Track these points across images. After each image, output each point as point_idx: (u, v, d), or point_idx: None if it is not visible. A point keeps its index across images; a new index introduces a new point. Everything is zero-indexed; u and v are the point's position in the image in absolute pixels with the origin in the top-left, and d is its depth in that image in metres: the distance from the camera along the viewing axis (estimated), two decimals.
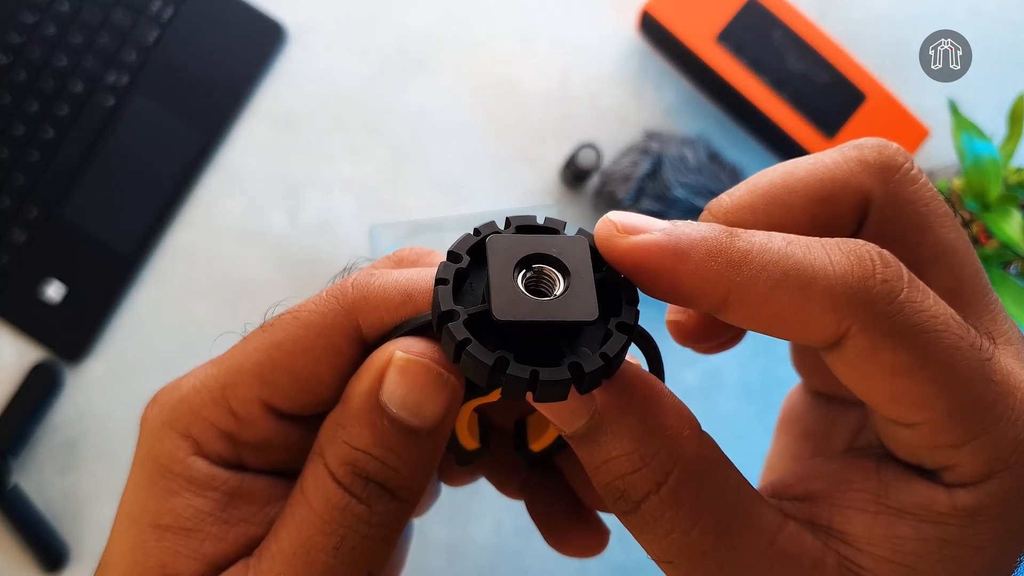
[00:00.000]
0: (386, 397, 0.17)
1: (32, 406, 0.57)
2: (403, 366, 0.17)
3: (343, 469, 0.17)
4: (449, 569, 0.58)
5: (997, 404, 0.14)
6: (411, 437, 0.17)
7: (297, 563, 0.16)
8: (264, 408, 0.18)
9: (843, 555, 0.15)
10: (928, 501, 0.15)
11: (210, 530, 0.17)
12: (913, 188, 0.16)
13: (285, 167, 0.60)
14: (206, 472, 0.17)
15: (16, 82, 0.58)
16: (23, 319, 0.58)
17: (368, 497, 0.17)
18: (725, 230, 0.15)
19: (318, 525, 0.16)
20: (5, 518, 0.55)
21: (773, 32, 0.55)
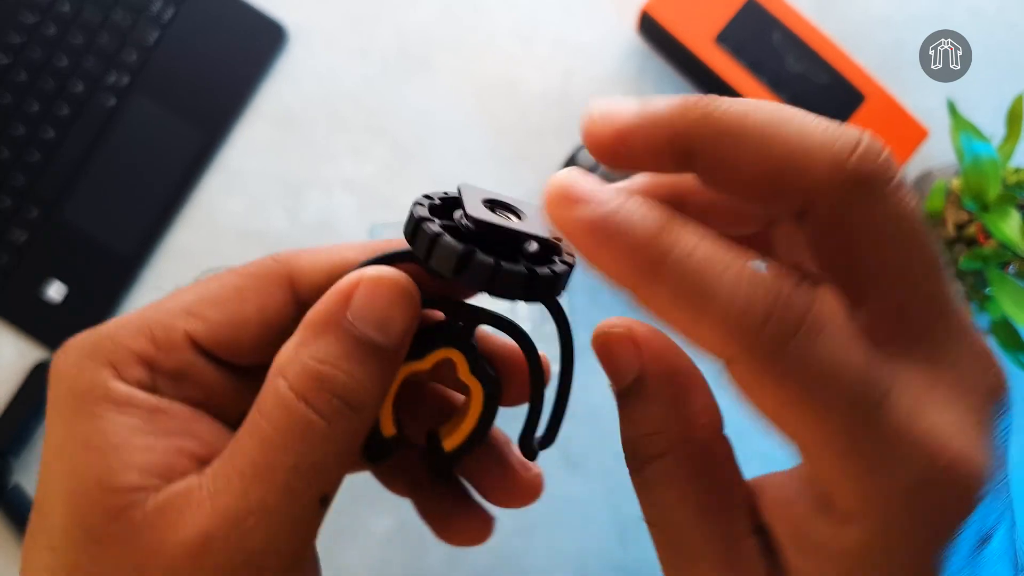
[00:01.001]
0: (352, 313, 0.17)
1: (33, 406, 0.57)
2: (375, 281, 0.18)
3: (307, 384, 0.17)
4: (449, 569, 0.58)
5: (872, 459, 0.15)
6: (375, 354, 0.17)
7: (256, 481, 0.16)
8: (186, 338, 0.18)
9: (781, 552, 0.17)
10: (831, 540, 0.16)
11: (138, 443, 0.17)
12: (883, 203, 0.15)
13: (286, 167, 0.60)
14: (126, 393, 0.18)
15: (17, 82, 0.59)
16: (24, 319, 0.58)
17: (330, 413, 0.17)
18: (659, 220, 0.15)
19: (278, 442, 0.17)
20: (6, 517, 0.55)
21: (772, 33, 0.55)
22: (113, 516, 0.17)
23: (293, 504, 0.17)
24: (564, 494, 0.59)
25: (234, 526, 0.16)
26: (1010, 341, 0.49)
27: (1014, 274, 0.48)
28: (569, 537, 0.59)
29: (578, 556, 0.59)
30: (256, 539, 0.16)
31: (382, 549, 0.58)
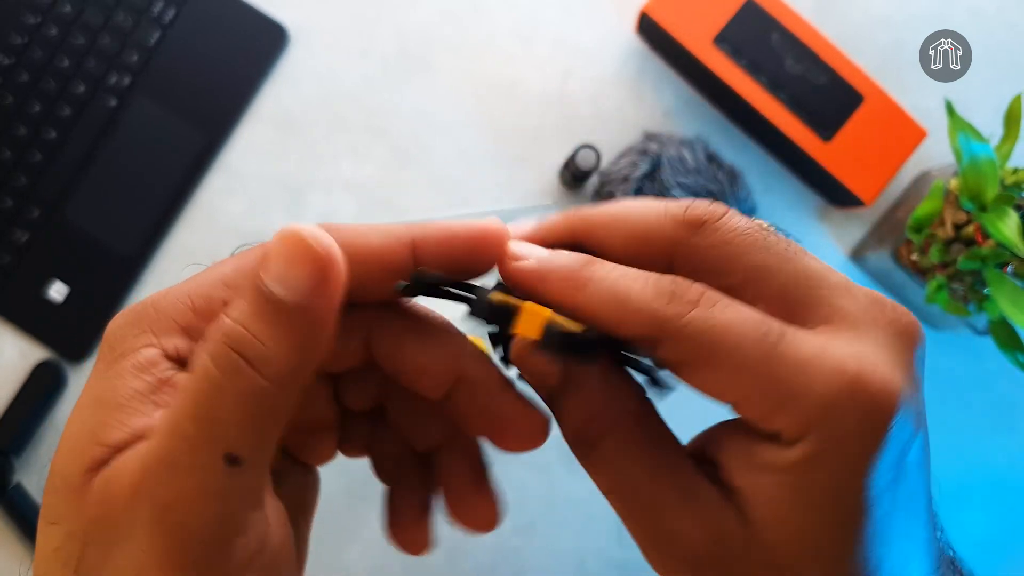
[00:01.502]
0: (262, 270, 0.18)
1: (35, 405, 0.57)
2: (283, 237, 0.18)
3: (216, 344, 0.18)
4: (449, 568, 0.59)
5: (792, 383, 0.18)
6: (281, 311, 0.18)
7: (170, 433, 0.17)
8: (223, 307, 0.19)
9: (737, 505, 0.19)
10: (779, 461, 0.19)
11: (138, 407, 0.18)
12: (717, 232, 0.20)
13: (286, 168, 0.60)
14: (150, 359, 0.19)
15: (18, 83, 0.59)
16: (25, 319, 0.58)
17: (227, 366, 0.17)
18: (580, 261, 0.20)
19: (187, 395, 0.17)
20: (7, 517, 0.55)
21: (771, 34, 0.55)
22: (91, 467, 0.18)
23: (193, 455, 0.17)
24: (563, 493, 0.59)
25: (151, 477, 0.17)
26: (1008, 341, 0.49)
27: (1012, 274, 0.48)
28: (568, 535, 0.59)
29: (577, 554, 0.59)
30: (168, 491, 0.17)
31: (383, 548, 0.59)
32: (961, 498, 0.60)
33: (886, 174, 0.56)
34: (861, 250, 0.60)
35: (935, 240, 0.50)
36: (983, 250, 0.47)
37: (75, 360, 0.58)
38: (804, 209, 0.61)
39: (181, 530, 0.17)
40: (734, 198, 0.55)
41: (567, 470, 0.59)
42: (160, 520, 0.17)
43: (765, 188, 0.60)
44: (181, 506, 0.17)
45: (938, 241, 0.50)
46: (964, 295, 0.51)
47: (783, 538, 0.19)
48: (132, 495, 0.17)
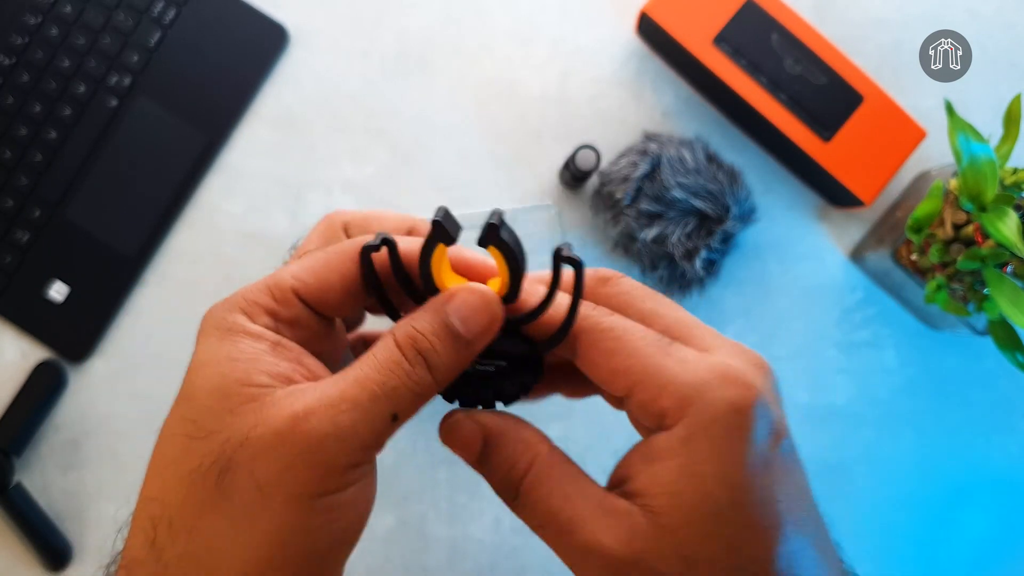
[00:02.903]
0: (449, 307, 0.26)
1: (35, 405, 0.57)
2: (471, 290, 0.26)
3: (404, 340, 0.25)
4: (449, 567, 0.59)
5: (675, 370, 0.24)
6: (454, 338, 0.25)
7: (354, 384, 0.24)
8: (295, 295, 0.26)
9: (640, 504, 0.24)
10: (665, 445, 0.24)
11: (267, 359, 0.24)
12: (616, 287, 0.28)
13: (287, 168, 0.61)
14: (258, 330, 0.25)
15: (19, 83, 0.59)
16: (26, 319, 0.58)
17: (413, 360, 0.25)
18: None
19: (376, 368, 0.24)
20: (8, 517, 0.55)
21: (770, 34, 0.55)
22: (250, 399, 0.24)
23: (373, 407, 0.24)
24: None
25: (330, 407, 0.23)
26: (1008, 341, 0.49)
27: (1011, 274, 0.48)
28: None
29: None
30: (343, 419, 0.23)
31: (384, 547, 0.59)
32: (961, 498, 0.60)
33: (886, 174, 0.56)
34: (860, 250, 0.60)
35: (935, 240, 0.50)
36: (982, 250, 0.47)
37: (76, 360, 0.59)
38: (804, 209, 0.61)
39: (337, 448, 0.23)
40: (733, 198, 0.55)
41: None
42: (336, 439, 0.23)
43: (765, 188, 0.60)
44: (352, 433, 0.23)
45: (938, 241, 0.50)
46: (963, 295, 0.51)
47: (681, 518, 0.23)
48: (305, 414, 0.23)
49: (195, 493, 0.23)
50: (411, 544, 0.59)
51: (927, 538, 0.60)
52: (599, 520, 0.24)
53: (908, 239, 0.52)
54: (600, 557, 0.23)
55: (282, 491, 0.22)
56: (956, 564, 0.60)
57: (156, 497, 0.24)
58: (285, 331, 0.26)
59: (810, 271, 0.61)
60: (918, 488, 0.60)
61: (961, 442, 0.60)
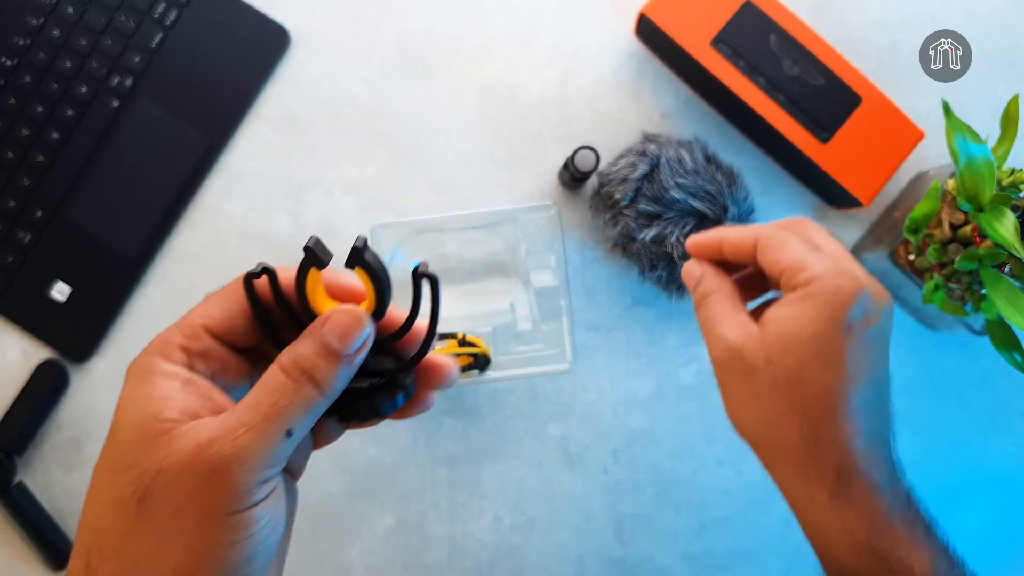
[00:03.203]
0: (325, 329, 0.28)
1: (37, 404, 0.57)
2: (342, 310, 0.29)
3: (288, 364, 0.28)
4: (449, 566, 0.59)
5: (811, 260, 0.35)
6: (334, 354, 0.28)
7: (248, 410, 0.27)
8: (204, 329, 0.29)
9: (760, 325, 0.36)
10: (789, 299, 0.35)
11: (178, 396, 0.28)
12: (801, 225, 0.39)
13: (288, 169, 0.61)
14: (171, 369, 0.28)
15: (21, 84, 0.59)
16: (29, 319, 0.59)
17: (298, 379, 0.27)
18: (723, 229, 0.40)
19: (266, 392, 0.27)
20: (10, 516, 0.56)
21: (769, 35, 0.56)
22: (162, 432, 0.26)
23: (267, 427, 0.27)
24: (563, 492, 0.59)
25: (230, 432, 0.26)
26: (1005, 340, 0.49)
27: (1009, 274, 0.48)
28: (568, 533, 0.59)
29: (576, 552, 0.59)
30: (241, 442, 0.26)
31: (384, 546, 0.59)
32: (959, 497, 0.60)
33: (883, 175, 0.56)
34: (859, 250, 0.60)
35: (932, 240, 0.51)
36: (980, 250, 0.48)
37: (78, 360, 0.59)
38: (802, 210, 0.61)
39: (239, 468, 0.26)
40: (732, 199, 0.55)
41: (567, 469, 0.60)
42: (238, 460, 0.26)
43: (763, 189, 0.61)
44: (252, 453, 0.26)
45: (935, 241, 0.50)
46: (961, 295, 0.51)
47: (775, 335, 0.35)
48: (208, 442, 0.26)
49: (120, 520, 0.26)
50: (411, 543, 0.59)
51: None
52: (732, 326, 0.37)
53: (906, 239, 0.52)
54: (724, 343, 0.36)
55: (195, 512, 0.26)
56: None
57: (90, 525, 0.27)
58: (199, 364, 0.29)
59: None
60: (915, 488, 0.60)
61: (959, 442, 0.61)
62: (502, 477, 0.59)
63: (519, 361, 0.57)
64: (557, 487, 0.59)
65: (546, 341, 0.57)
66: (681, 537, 0.59)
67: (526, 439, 0.60)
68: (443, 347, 0.55)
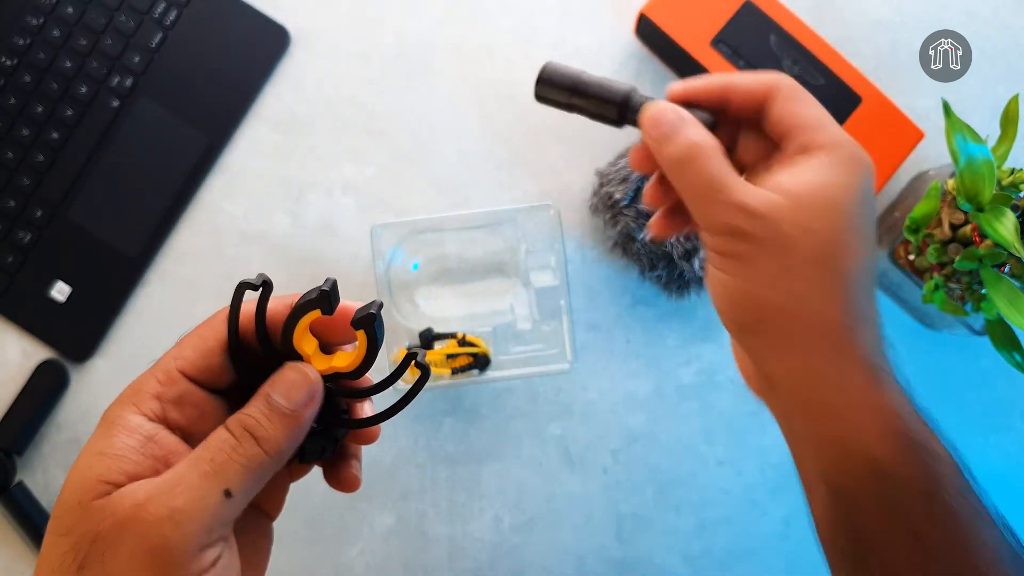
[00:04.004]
0: (270, 388, 0.28)
1: (37, 404, 0.57)
2: (289, 368, 0.28)
3: (232, 422, 0.27)
4: (449, 566, 0.59)
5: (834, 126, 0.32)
6: (280, 413, 0.27)
7: (186, 467, 0.26)
8: (179, 373, 0.28)
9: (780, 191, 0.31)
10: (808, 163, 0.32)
11: (132, 457, 0.26)
12: None
13: (288, 169, 0.61)
14: (136, 422, 0.27)
15: (21, 84, 0.59)
16: (29, 319, 0.59)
17: (240, 436, 0.26)
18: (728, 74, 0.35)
19: (207, 447, 0.26)
20: (10, 516, 0.56)
21: (769, 35, 0.56)
22: (100, 494, 0.25)
23: (204, 485, 0.25)
24: (563, 492, 0.59)
25: (164, 492, 0.25)
26: (1005, 340, 0.49)
27: (1009, 274, 0.48)
28: (567, 533, 0.59)
29: (576, 552, 0.59)
30: (176, 503, 0.25)
31: (384, 546, 0.59)
32: None
33: (884, 174, 0.56)
34: None
35: (932, 240, 0.51)
36: (980, 250, 0.48)
37: (78, 360, 0.59)
38: None
39: (174, 531, 0.24)
40: None
41: (567, 469, 0.60)
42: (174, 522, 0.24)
43: None
44: (188, 515, 0.25)
45: (935, 241, 0.50)
46: (961, 295, 0.51)
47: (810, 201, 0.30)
48: (144, 501, 0.25)
49: None
50: (411, 543, 0.59)
51: None
52: (747, 189, 0.31)
53: (906, 239, 0.53)
54: (745, 210, 0.31)
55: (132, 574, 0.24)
56: None
57: None
58: (173, 413, 0.28)
59: None
60: None
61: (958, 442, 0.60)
62: (502, 477, 0.59)
63: (519, 361, 0.57)
64: (557, 487, 0.59)
65: (546, 341, 0.57)
66: (681, 537, 0.59)
67: (526, 439, 0.60)
68: (443, 347, 0.55)
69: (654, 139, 0.33)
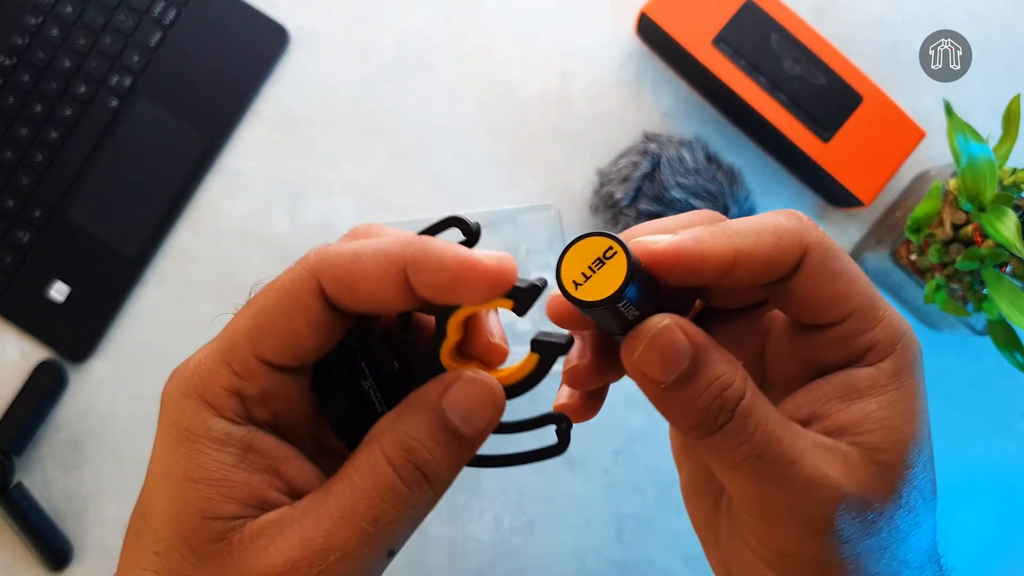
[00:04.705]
0: (446, 402, 0.21)
1: (36, 405, 0.57)
2: (472, 380, 0.22)
3: (398, 456, 0.21)
4: (450, 566, 0.59)
5: (884, 301, 0.23)
6: (456, 440, 0.21)
7: (341, 524, 0.20)
8: (259, 362, 0.21)
9: (850, 440, 0.22)
10: (872, 380, 0.22)
11: (235, 478, 0.20)
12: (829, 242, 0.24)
13: (287, 168, 0.61)
14: (224, 430, 0.21)
15: (20, 84, 0.59)
16: (27, 319, 0.59)
17: (411, 482, 0.20)
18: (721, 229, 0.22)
19: (365, 497, 0.20)
20: (9, 516, 0.56)
21: (770, 34, 0.56)
22: (215, 538, 0.20)
23: (368, 551, 0.20)
24: (564, 492, 0.59)
25: (318, 560, 0.20)
26: (1007, 341, 0.49)
27: (1010, 274, 0.48)
28: (568, 534, 0.59)
29: (577, 552, 0.59)
30: (332, 574, 0.20)
31: None
32: (959, 498, 0.60)
33: (885, 174, 0.56)
34: (860, 250, 0.60)
35: (934, 240, 0.51)
36: (981, 250, 0.48)
37: (76, 360, 0.59)
38: (803, 209, 0.61)
39: None
40: (733, 198, 0.55)
41: (567, 470, 0.59)
42: None
43: (764, 188, 0.60)
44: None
45: (937, 241, 0.50)
46: (962, 295, 0.51)
47: (898, 455, 0.21)
48: (289, 572, 0.19)
49: None
50: (411, 543, 0.58)
51: None
52: (817, 452, 0.21)
53: (907, 239, 0.52)
54: (829, 491, 0.21)
55: None
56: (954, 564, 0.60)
57: None
58: (256, 409, 0.22)
59: None
60: None
61: (960, 442, 0.60)
62: (502, 478, 0.59)
63: None
64: (557, 488, 0.59)
65: None
66: (682, 538, 0.59)
67: (526, 439, 0.59)
68: None
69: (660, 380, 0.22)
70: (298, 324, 0.21)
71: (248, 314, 0.22)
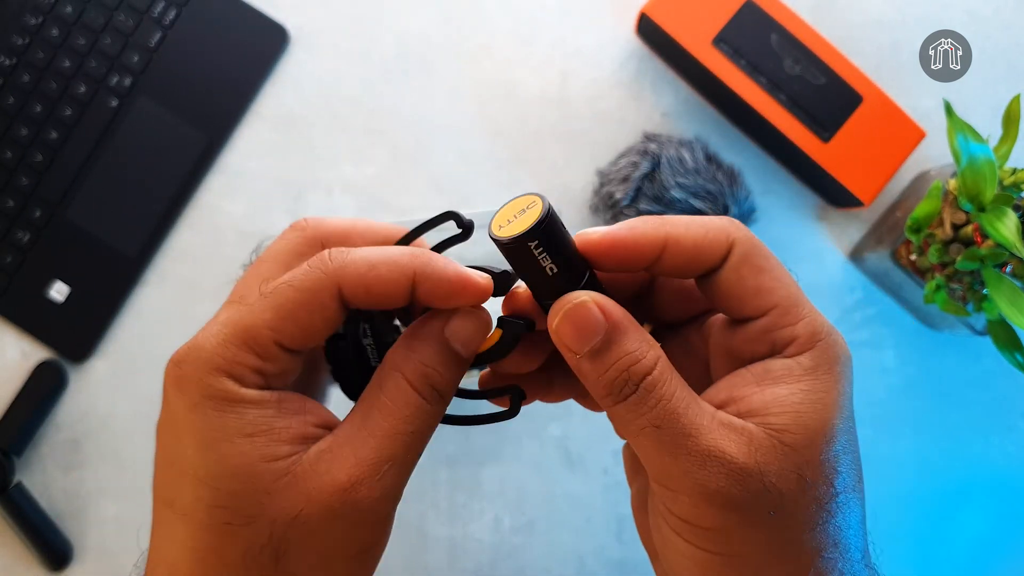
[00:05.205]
0: (449, 332, 0.26)
1: (36, 405, 0.57)
2: (468, 312, 0.26)
3: (419, 380, 0.25)
4: (450, 566, 0.59)
5: (810, 304, 0.25)
6: (457, 362, 0.26)
7: (386, 440, 0.24)
8: (279, 347, 0.25)
9: (758, 421, 0.24)
10: (787, 370, 0.24)
11: (280, 424, 0.24)
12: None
13: (287, 168, 0.61)
14: (257, 395, 0.24)
15: (19, 84, 0.59)
16: (27, 319, 0.59)
17: (431, 399, 0.25)
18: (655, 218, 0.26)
19: (401, 416, 0.25)
20: (9, 516, 0.56)
21: (770, 34, 0.56)
22: (281, 474, 0.23)
23: (411, 457, 0.25)
24: (563, 492, 0.59)
25: (375, 471, 0.24)
26: (1007, 341, 0.49)
27: (1010, 274, 0.48)
28: (568, 534, 0.59)
29: (576, 552, 0.59)
30: (387, 481, 0.24)
31: None
32: (959, 498, 0.60)
33: (885, 174, 0.56)
34: (860, 250, 0.60)
35: (934, 240, 0.51)
36: (981, 250, 0.48)
37: (76, 360, 0.59)
38: (803, 209, 0.61)
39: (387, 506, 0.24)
40: (733, 198, 0.55)
41: (567, 469, 0.59)
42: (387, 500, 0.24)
43: (764, 188, 0.60)
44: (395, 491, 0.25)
45: (937, 241, 0.50)
46: (962, 295, 0.51)
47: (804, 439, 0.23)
48: (353, 485, 0.24)
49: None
50: (411, 543, 0.59)
51: (925, 538, 0.60)
52: (719, 429, 0.23)
53: (907, 239, 0.52)
54: (723, 464, 0.23)
55: (341, 555, 0.24)
56: (954, 564, 0.60)
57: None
58: (274, 381, 0.25)
59: (809, 271, 0.61)
60: (916, 488, 0.60)
61: (960, 442, 0.60)
62: (502, 478, 0.59)
63: None
64: (557, 488, 0.59)
65: None
66: None
67: (526, 440, 0.60)
68: None
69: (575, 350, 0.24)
70: (316, 320, 0.25)
71: (269, 306, 0.25)
